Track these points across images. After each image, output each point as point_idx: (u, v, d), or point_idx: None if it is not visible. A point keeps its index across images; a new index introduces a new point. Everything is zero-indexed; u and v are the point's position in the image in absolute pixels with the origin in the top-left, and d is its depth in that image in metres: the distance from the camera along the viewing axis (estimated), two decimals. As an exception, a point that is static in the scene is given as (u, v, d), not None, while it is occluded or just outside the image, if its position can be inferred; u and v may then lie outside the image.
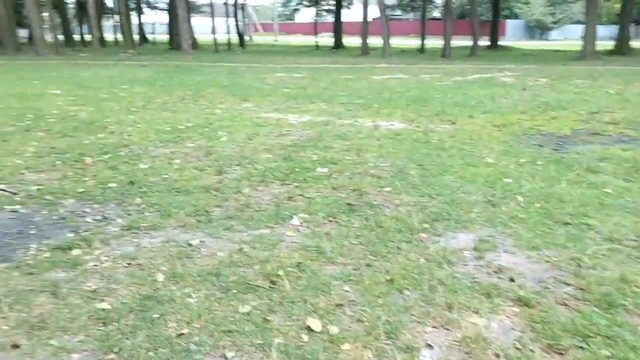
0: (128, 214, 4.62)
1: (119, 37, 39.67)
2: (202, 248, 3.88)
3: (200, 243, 3.97)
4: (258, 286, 3.28)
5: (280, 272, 3.43)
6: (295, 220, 4.43)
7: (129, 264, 3.62)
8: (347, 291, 3.24)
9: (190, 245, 3.93)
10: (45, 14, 35.24)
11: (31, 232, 4.27)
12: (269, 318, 2.94)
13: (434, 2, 43.36)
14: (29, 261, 3.69)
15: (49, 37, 32.82)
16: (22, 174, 5.87)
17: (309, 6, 44.42)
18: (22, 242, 4.06)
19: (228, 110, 10.09)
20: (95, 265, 3.61)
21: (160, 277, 3.40)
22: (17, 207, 4.84)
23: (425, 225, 4.28)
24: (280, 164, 6.18)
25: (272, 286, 3.28)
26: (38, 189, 5.31)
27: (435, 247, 3.88)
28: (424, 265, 3.57)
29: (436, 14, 51.92)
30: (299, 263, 3.59)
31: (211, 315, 2.96)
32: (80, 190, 5.26)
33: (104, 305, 3.07)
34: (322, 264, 3.60)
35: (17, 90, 12.96)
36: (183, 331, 2.82)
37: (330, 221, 4.43)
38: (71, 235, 4.17)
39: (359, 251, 3.81)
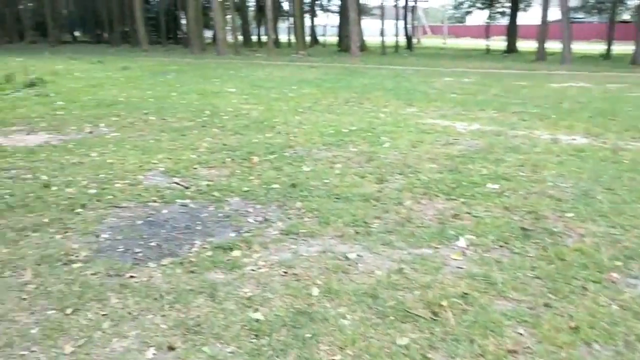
0: (288, 218, 4.57)
1: (292, 38, 41.49)
2: (359, 263, 3.67)
3: (358, 257, 3.76)
4: (418, 316, 2.97)
5: (444, 303, 3.09)
6: (461, 242, 4.04)
7: (285, 272, 3.52)
8: (521, 335, 2.81)
9: (347, 258, 3.73)
10: (228, 17, 37.99)
11: (197, 228, 4.39)
12: (429, 356, 2.63)
13: (625, 3, 39.20)
14: (192, 258, 3.76)
15: (230, 38, 35.34)
16: (195, 168, 6.16)
17: (482, 8, 42.72)
18: (188, 237, 4.18)
19: (392, 114, 9.86)
20: (253, 270, 3.56)
21: (315, 291, 3.25)
22: (187, 201, 5.04)
23: (618, 263, 3.65)
24: (445, 175, 5.79)
25: (434, 317, 2.96)
26: (207, 185, 5.50)
27: (632, 292, 3.26)
28: (617, 314, 3.00)
29: (625, 16, 47.00)
30: (465, 294, 3.21)
31: (366, 343, 2.73)
32: (246, 189, 5.35)
33: (258, 315, 2.98)
34: (491, 298, 3.19)
35: (199, 87, 13.96)
36: (335, 357, 2.61)
37: (502, 247, 3.97)
38: (233, 235, 4.21)
39: (535, 287, 3.33)
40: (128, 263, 3.68)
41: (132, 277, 3.47)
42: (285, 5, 50.49)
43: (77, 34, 59.91)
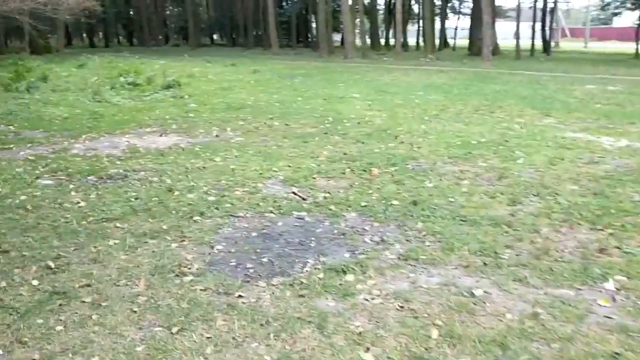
0: (407, 240, 4.23)
1: (421, 41, 40.68)
2: (486, 302, 3.24)
3: (485, 295, 3.33)
4: (557, 378, 2.51)
5: (590, 363, 2.60)
6: (610, 284, 3.46)
7: (401, 306, 3.19)
8: (692, 418, 2.27)
9: (473, 295, 3.32)
10: (357, 20, 38.10)
11: (311, 244, 4.19)
12: None
13: None
14: (303, 279, 3.55)
15: (358, 41, 35.40)
16: (314, 178, 6.00)
17: (633, 9, 39.06)
18: (301, 255, 3.99)
19: (527, 125, 9.10)
20: (366, 300, 3.27)
21: (435, 333, 2.88)
22: (303, 214, 4.87)
23: None
24: (589, 200, 5.12)
25: (577, 382, 2.48)
26: (325, 197, 5.31)
27: None
28: None
29: None
30: (616, 354, 2.69)
31: (492, 406, 2.33)
32: (364, 203, 5.08)
33: (369, 356, 2.69)
34: (651, 363, 2.64)
35: (325, 92, 13.95)
36: (455, 421, 2.25)
37: (662, 294, 3.34)
38: (347, 255, 3.96)
39: None
40: (238, 280, 3.55)
41: (240, 296, 3.33)
42: (416, 8, 49.75)
43: (215, 37, 63.52)
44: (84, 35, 59.51)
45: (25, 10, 18.20)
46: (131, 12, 56.72)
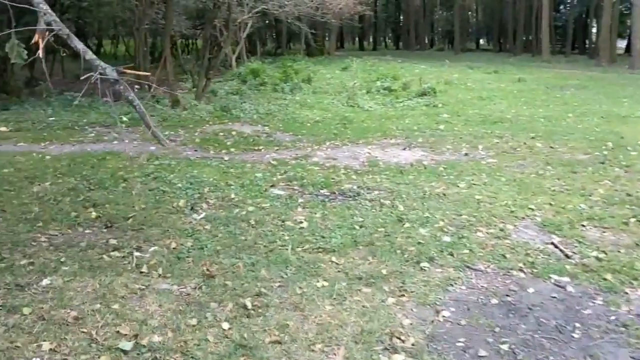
0: None
1: None
2: None
3: None
4: None
5: None
6: None
7: None
8: None
9: None
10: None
11: (574, 334, 3.01)
12: None
13: None
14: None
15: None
16: (583, 225, 4.65)
17: None
18: (557, 350, 2.86)
19: None
20: None
21: None
22: (565, 280, 3.65)
23: None
24: None
25: None
26: (597, 258, 3.98)
27: None
28: None
29: None
30: None
31: None
32: None
33: None
34: None
35: (603, 108, 11.76)
36: None
37: None
38: (630, 366, 2.70)
39: None
40: (462, 378, 2.60)
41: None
42: None
43: (481, 42, 61.51)
44: (356, 38, 62.86)
45: (303, 16, 19.38)
46: (400, 17, 58.09)
